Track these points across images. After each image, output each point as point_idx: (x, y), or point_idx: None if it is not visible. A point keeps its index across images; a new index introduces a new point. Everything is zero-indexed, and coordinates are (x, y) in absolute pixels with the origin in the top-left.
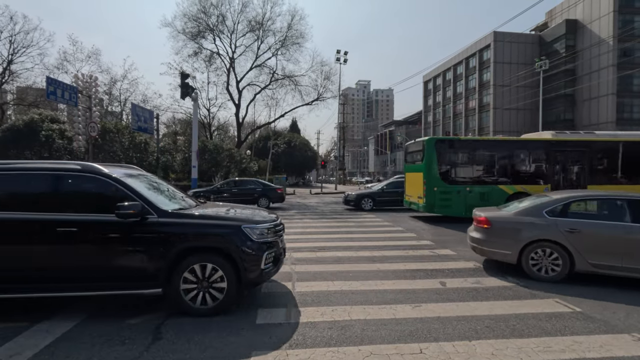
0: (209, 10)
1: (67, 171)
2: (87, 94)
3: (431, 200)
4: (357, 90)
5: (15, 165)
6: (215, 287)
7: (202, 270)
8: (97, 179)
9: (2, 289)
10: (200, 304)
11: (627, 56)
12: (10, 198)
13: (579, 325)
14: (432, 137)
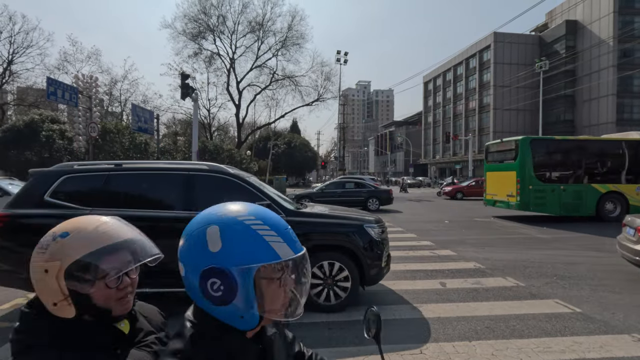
0: (210, 11)
1: (197, 171)
2: (87, 95)
3: (526, 198)
4: (357, 90)
5: (151, 166)
6: (339, 285)
7: (329, 267)
8: (226, 179)
9: (161, 283)
10: (324, 300)
11: (627, 57)
12: (148, 196)
13: (579, 325)
14: (527, 137)
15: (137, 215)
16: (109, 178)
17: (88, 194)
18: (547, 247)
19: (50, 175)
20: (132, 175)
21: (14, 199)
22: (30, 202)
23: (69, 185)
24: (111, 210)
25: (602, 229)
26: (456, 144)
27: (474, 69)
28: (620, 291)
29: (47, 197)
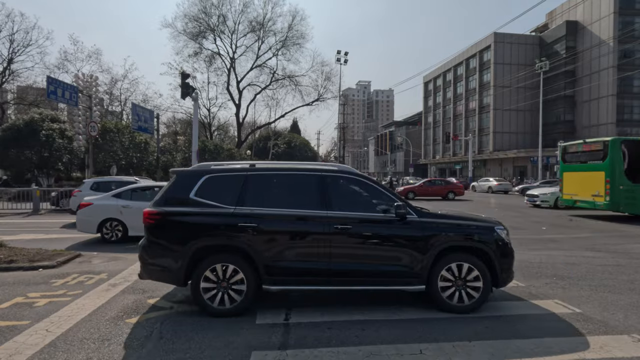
0: (210, 11)
1: (329, 172)
2: (87, 94)
3: (616, 198)
4: (358, 90)
5: (285, 166)
6: (470, 286)
7: (458, 269)
8: (357, 180)
9: (297, 281)
10: (457, 302)
11: (627, 57)
12: (286, 196)
13: (579, 326)
14: (617, 138)
15: (285, 214)
16: (247, 178)
17: (229, 194)
18: (546, 247)
19: (194, 175)
20: (269, 176)
21: (161, 197)
22: (178, 201)
23: (210, 184)
24: (254, 210)
25: (600, 228)
26: (456, 144)
27: (474, 69)
28: (620, 291)
29: (192, 196)
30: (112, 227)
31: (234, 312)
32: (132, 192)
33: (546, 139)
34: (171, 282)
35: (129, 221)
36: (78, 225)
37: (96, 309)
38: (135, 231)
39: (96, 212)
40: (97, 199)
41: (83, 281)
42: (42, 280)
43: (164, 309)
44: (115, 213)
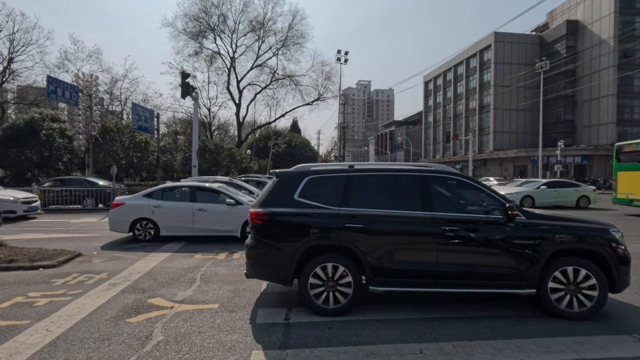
0: (210, 10)
1: (430, 173)
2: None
3: None
4: (358, 90)
5: (385, 167)
6: (584, 292)
7: (574, 274)
8: (459, 180)
9: (403, 282)
10: (566, 307)
11: (627, 57)
12: (389, 197)
13: (580, 325)
14: None
15: (391, 215)
16: (349, 179)
17: (332, 195)
18: None
19: (296, 177)
20: (370, 177)
21: (265, 198)
22: (282, 202)
23: (313, 186)
24: (358, 210)
25: None
26: (456, 144)
27: (475, 68)
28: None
29: (296, 197)
30: (144, 226)
31: (337, 312)
32: (162, 192)
33: (546, 138)
34: (279, 281)
35: (161, 221)
36: (110, 224)
37: (96, 309)
38: (167, 231)
39: (128, 211)
40: (128, 198)
41: (83, 281)
42: (43, 279)
43: (164, 308)
44: (147, 213)
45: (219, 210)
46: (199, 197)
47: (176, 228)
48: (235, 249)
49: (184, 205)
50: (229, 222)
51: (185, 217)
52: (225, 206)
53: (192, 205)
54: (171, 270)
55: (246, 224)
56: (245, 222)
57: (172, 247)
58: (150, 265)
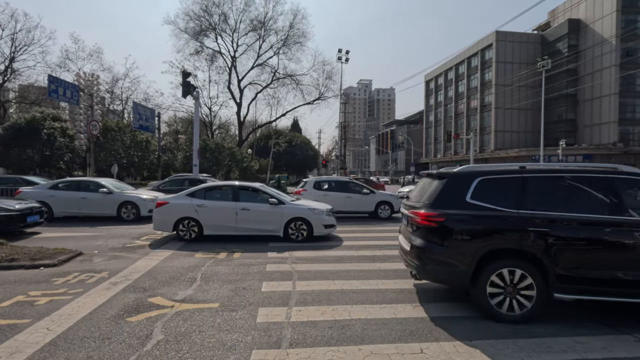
0: (211, 9)
1: (621, 174)
2: (88, 92)
3: None
4: (359, 89)
5: (564, 168)
6: None
7: None
8: None
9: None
10: None
11: (629, 56)
12: (573, 198)
13: (581, 325)
14: None
15: (582, 219)
16: (525, 180)
17: (506, 196)
18: None
19: (466, 178)
20: (549, 178)
21: (435, 199)
22: (454, 203)
23: (484, 187)
24: (540, 213)
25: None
26: (458, 143)
27: (476, 67)
28: None
29: (468, 199)
30: (187, 225)
31: (524, 319)
32: (205, 192)
33: (548, 137)
34: (455, 285)
35: (205, 220)
36: (155, 223)
37: (97, 308)
38: (210, 230)
39: (172, 211)
40: (172, 197)
41: (84, 280)
42: (43, 278)
43: (164, 307)
44: (191, 212)
45: (262, 210)
46: (242, 196)
47: (219, 227)
48: (236, 249)
49: (227, 205)
50: (271, 222)
51: (229, 217)
52: (268, 205)
53: (235, 204)
54: (172, 270)
55: (289, 224)
56: (288, 221)
57: (173, 246)
58: (150, 264)
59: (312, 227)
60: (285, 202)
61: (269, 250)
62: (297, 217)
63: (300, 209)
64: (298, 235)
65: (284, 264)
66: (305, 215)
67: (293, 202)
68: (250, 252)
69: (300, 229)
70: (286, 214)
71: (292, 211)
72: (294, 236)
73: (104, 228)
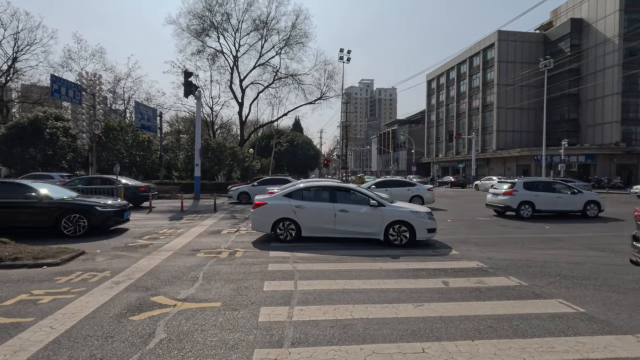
0: (214, 8)
1: None
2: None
3: None
4: (360, 89)
5: None
6: None
7: None
8: None
9: None
10: None
11: (632, 55)
12: None
13: (583, 325)
14: None
15: None
16: None
17: None
18: (550, 246)
19: None
20: None
21: None
22: None
23: None
24: None
25: (605, 229)
26: (459, 143)
27: (478, 67)
28: (625, 291)
29: None
30: (285, 227)
31: None
32: (302, 192)
33: (550, 137)
34: None
35: (303, 221)
36: (253, 223)
37: (100, 307)
38: (308, 232)
39: (270, 211)
40: (270, 198)
41: (87, 279)
42: (46, 277)
43: (167, 306)
44: (289, 213)
45: (361, 212)
46: (339, 197)
47: (318, 229)
48: (238, 248)
49: (325, 206)
50: (371, 224)
51: (327, 218)
52: (367, 207)
53: (333, 206)
54: (174, 269)
55: (389, 227)
56: (389, 224)
57: (174, 246)
58: (153, 263)
59: (415, 231)
60: (386, 205)
61: (270, 249)
62: (399, 220)
63: (402, 211)
64: (400, 239)
65: (286, 263)
66: (408, 218)
67: (393, 204)
68: (252, 251)
69: (402, 233)
70: (387, 216)
71: (393, 213)
72: (395, 240)
73: None
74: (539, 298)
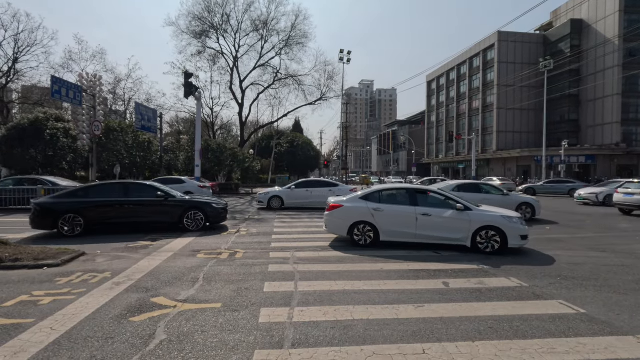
0: (214, 9)
1: None
2: (91, 93)
3: None
4: (361, 90)
5: None
6: None
7: None
8: None
9: None
10: None
11: (632, 56)
12: None
13: (584, 326)
14: None
15: None
16: None
17: None
18: (550, 247)
19: None
20: None
21: None
22: None
23: None
24: None
25: (606, 230)
26: (459, 144)
27: (478, 68)
28: (625, 292)
29: None
30: (362, 230)
31: None
32: (380, 195)
33: (550, 138)
34: None
35: (382, 225)
36: (328, 226)
37: (100, 308)
38: (387, 236)
39: (347, 214)
40: (346, 200)
41: (87, 280)
42: (47, 278)
43: (167, 307)
44: (367, 216)
45: (445, 216)
46: (420, 200)
47: (397, 233)
48: (238, 249)
49: (405, 210)
50: (457, 230)
51: (408, 222)
52: (453, 212)
53: (414, 209)
54: (174, 270)
55: (477, 233)
56: (477, 230)
57: (174, 247)
58: (153, 264)
59: (507, 237)
60: (473, 208)
61: (271, 250)
62: (489, 225)
63: (492, 216)
64: (489, 246)
65: (286, 264)
66: (499, 223)
67: (480, 208)
68: (252, 252)
69: (492, 240)
70: (475, 221)
71: (481, 218)
72: (486, 248)
73: None
74: (539, 299)
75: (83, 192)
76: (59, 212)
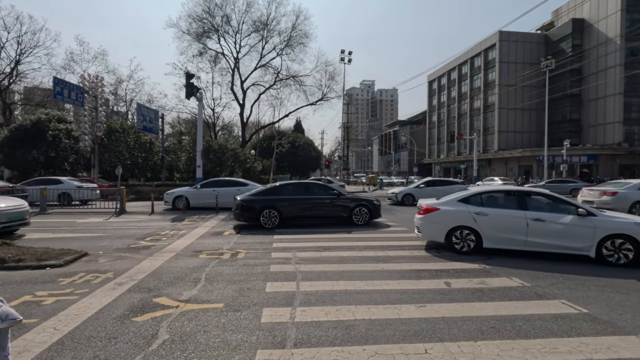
0: (214, 11)
1: None
2: (93, 94)
3: None
4: (362, 90)
5: None
6: None
7: None
8: None
9: None
10: None
11: (634, 55)
12: None
13: (586, 326)
14: None
15: None
16: None
17: None
18: None
19: None
20: None
21: None
22: None
23: None
24: None
25: None
26: (461, 144)
27: (479, 68)
28: (628, 292)
29: None
30: (462, 236)
31: None
32: (482, 197)
33: (552, 138)
34: None
35: (485, 231)
36: (423, 230)
37: (103, 308)
38: (492, 243)
39: (444, 218)
40: (442, 203)
41: (90, 280)
42: (50, 279)
43: (169, 307)
44: (468, 221)
45: (563, 222)
46: (530, 204)
47: (505, 240)
48: (240, 249)
49: (514, 214)
50: (577, 238)
51: (517, 228)
52: (573, 217)
53: (524, 214)
54: (176, 270)
55: (603, 242)
56: (602, 239)
57: (176, 247)
58: (155, 264)
59: None
60: (597, 214)
61: (272, 250)
62: (619, 233)
63: (622, 222)
64: (621, 257)
65: (288, 264)
66: (632, 231)
67: (605, 214)
68: (254, 252)
69: (622, 250)
70: (600, 228)
71: (609, 225)
72: (618, 260)
73: (109, 229)
74: (541, 299)
75: (276, 191)
76: (260, 208)
